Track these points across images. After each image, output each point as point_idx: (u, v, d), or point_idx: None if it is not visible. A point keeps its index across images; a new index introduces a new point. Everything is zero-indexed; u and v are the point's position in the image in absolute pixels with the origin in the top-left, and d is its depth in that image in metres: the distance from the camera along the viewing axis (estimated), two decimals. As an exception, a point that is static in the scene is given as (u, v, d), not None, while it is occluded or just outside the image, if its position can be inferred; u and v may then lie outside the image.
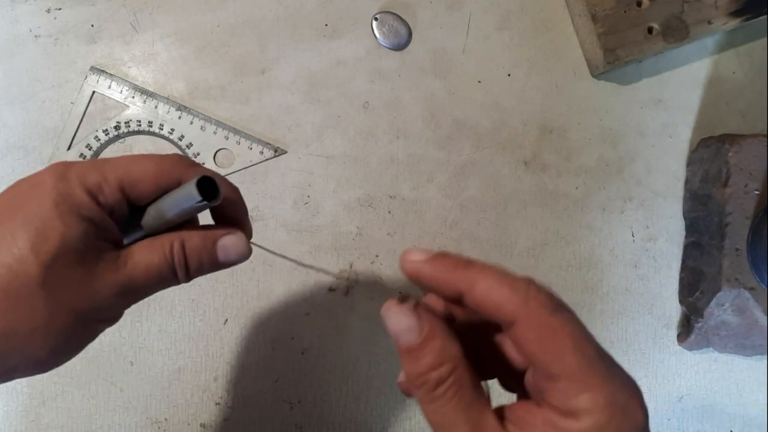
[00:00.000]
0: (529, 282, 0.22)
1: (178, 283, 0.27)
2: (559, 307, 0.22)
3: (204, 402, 0.46)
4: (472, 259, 0.23)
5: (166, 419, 0.45)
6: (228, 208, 0.28)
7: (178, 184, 0.26)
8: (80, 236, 0.24)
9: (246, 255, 0.28)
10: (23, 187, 0.25)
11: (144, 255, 0.25)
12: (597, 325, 0.49)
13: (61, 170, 0.24)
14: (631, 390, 0.21)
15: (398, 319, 0.22)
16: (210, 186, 0.25)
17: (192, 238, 0.26)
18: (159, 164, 0.26)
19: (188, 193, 0.25)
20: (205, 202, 0.25)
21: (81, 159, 0.46)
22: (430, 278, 0.23)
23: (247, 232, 0.29)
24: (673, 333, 0.49)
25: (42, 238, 0.23)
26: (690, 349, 0.48)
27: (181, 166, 0.26)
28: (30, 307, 0.23)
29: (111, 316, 0.26)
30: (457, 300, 0.23)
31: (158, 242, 0.26)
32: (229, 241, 0.27)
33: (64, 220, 0.23)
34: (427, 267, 0.23)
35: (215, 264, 0.27)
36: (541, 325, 0.21)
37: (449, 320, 0.25)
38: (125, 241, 0.27)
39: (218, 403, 0.46)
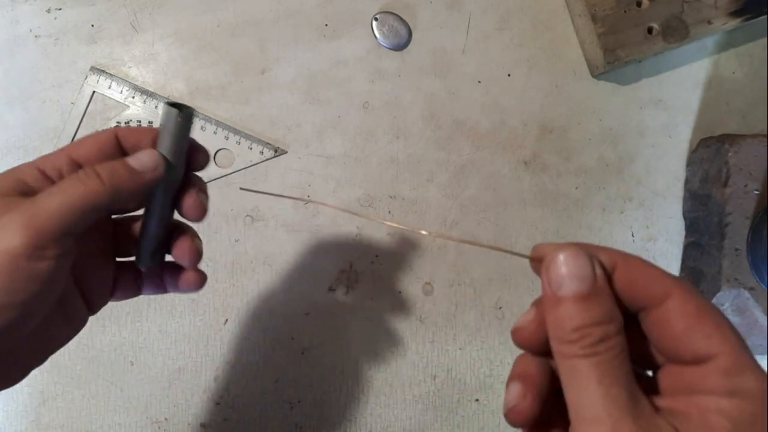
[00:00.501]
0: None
1: (105, 202, 0.26)
2: (698, 291, 0.21)
3: (204, 402, 0.46)
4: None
5: (166, 419, 0.45)
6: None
7: (115, 141, 0.27)
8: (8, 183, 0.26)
9: (159, 162, 0.27)
10: None
11: (54, 186, 0.25)
12: (597, 325, 0.49)
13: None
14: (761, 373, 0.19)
15: (576, 263, 0.21)
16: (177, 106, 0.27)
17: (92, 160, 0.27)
18: (96, 135, 0.27)
19: (167, 115, 0.27)
20: (184, 112, 0.27)
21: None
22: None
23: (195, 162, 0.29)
24: (673, 333, 0.49)
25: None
26: (690, 349, 0.48)
27: (113, 130, 0.28)
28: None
29: (24, 249, 0.24)
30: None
31: (71, 174, 0.26)
32: (141, 153, 0.27)
33: None
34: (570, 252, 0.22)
35: (134, 174, 0.26)
36: (698, 303, 0.20)
37: None
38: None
39: (218, 403, 0.46)
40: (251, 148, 0.47)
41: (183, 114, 0.27)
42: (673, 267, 0.49)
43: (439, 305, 0.47)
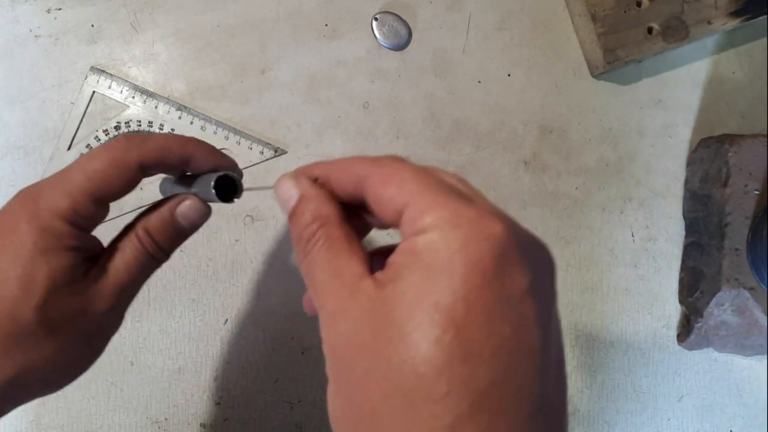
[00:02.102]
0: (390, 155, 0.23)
1: (160, 263, 0.28)
2: (404, 160, 0.22)
3: (204, 402, 0.46)
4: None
5: (166, 419, 0.45)
6: (197, 163, 0.28)
7: (138, 167, 0.26)
8: (65, 268, 0.24)
9: (206, 211, 0.28)
10: None
11: (121, 257, 0.26)
12: (597, 325, 0.49)
13: (30, 208, 0.24)
14: (492, 212, 0.19)
15: (281, 187, 0.24)
16: (227, 181, 0.27)
17: (151, 220, 0.27)
18: (115, 162, 0.25)
19: (207, 196, 0.27)
20: (227, 203, 0.27)
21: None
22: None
23: (227, 167, 0.29)
24: (673, 333, 0.49)
25: (30, 282, 0.23)
26: (690, 348, 0.48)
27: (132, 149, 0.25)
28: (37, 345, 0.24)
29: (115, 324, 0.27)
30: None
31: (126, 239, 0.27)
32: (185, 209, 0.27)
33: (47, 258, 0.24)
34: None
35: (183, 231, 0.28)
36: (383, 171, 0.22)
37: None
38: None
39: (218, 403, 0.46)
40: (251, 148, 0.47)
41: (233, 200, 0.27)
42: (673, 267, 0.49)
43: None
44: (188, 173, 0.29)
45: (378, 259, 0.21)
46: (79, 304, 0.25)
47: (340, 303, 0.20)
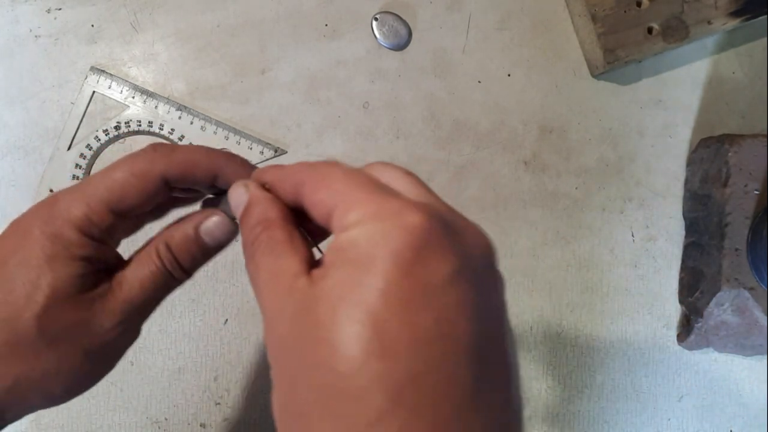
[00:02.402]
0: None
1: (180, 282, 0.27)
2: (338, 163, 0.22)
3: (204, 402, 0.46)
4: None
5: (166, 419, 0.45)
6: (226, 178, 0.26)
7: (161, 180, 0.25)
8: (71, 278, 0.23)
9: (233, 230, 0.26)
10: (11, 237, 0.24)
11: (135, 272, 0.25)
12: (597, 325, 0.49)
13: (45, 213, 0.24)
14: (417, 203, 0.19)
15: (234, 193, 0.24)
16: None
17: (174, 236, 0.26)
18: (137, 173, 0.24)
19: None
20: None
21: (81, 159, 0.46)
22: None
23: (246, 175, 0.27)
24: (673, 333, 0.49)
25: (34, 289, 0.23)
26: (690, 348, 0.48)
27: (157, 161, 0.25)
28: (36, 356, 0.23)
29: (126, 345, 0.26)
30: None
31: (144, 253, 0.25)
32: (211, 224, 0.26)
33: (53, 266, 0.23)
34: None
35: (207, 250, 0.26)
36: (316, 175, 0.22)
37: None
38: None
39: (218, 403, 0.46)
40: (251, 148, 0.47)
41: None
42: (673, 267, 0.49)
43: (439, 305, 0.47)
44: (214, 193, 0.27)
45: None
46: (83, 317, 0.24)
47: (277, 303, 0.20)
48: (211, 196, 0.28)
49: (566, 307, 0.49)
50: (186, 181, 0.25)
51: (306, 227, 0.23)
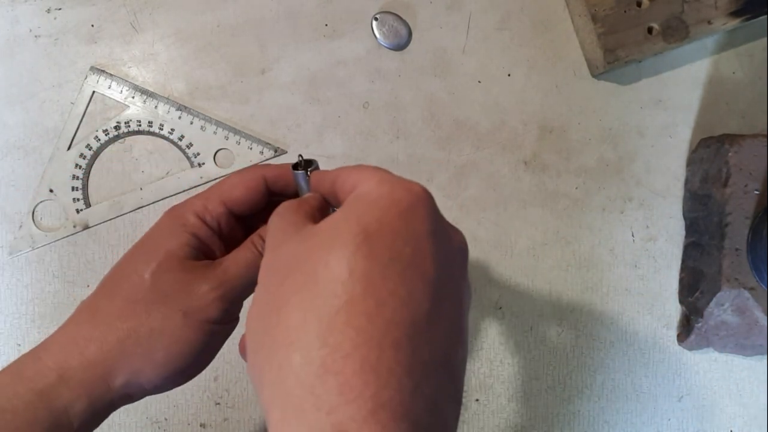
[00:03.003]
0: None
1: None
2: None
3: (204, 402, 0.46)
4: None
5: (166, 419, 0.45)
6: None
7: (263, 180, 0.30)
8: (182, 246, 0.28)
9: None
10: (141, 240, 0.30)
11: (234, 255, 0.30)
12: (597, 325, 0.49)
13: (176, 209, 0.30)
14: (413, 182, 0.23)
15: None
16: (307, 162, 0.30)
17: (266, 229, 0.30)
18: (242, 175, 0.31)
19: (295, 175, 0.30)
20: (304, 171, 0.29)
21: (81, 159, 0.46)
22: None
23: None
24: (673, 333, 0.49)
25: (153, 252, 0.29)
26: (690, 349, 0.48)
27: (259, 168, 0.31)
28: (146, 312, 0.28)
29: (220, 318, 0.29)
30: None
31: (242, 244, 0.30)
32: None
33: (170, 237, 0.29)
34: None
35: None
36: (347, 169, 0.25)
37: None
38: None
39: (218, 403, 0.46)
40: (251, 148, 0.47)
41: (312, 168, 0.29)
42: (673, 267, 0.49)
43: (439, 305, 0.47)
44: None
45: None
46: (186, 278, 0.28)
47: (285, 237, 0.24)
48: None
49: (566, 307, 0.49)
50: (280, 183, 0.31)
51: None
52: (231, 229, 0.31)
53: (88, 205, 0.46)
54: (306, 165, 0.29)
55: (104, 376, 0.27)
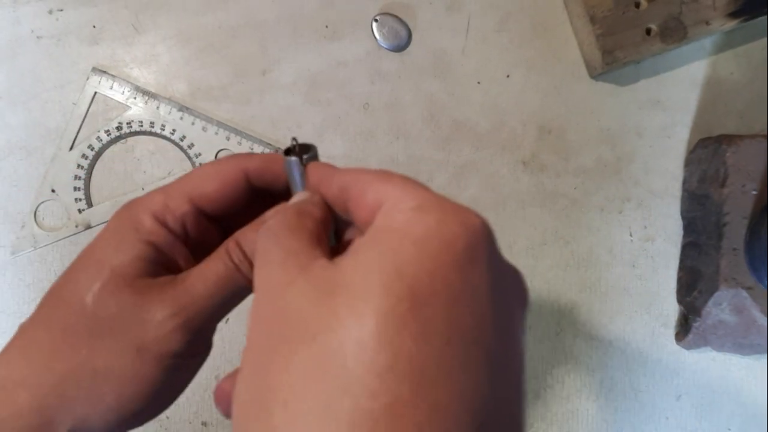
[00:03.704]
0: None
1: (246, 283, 0.24)
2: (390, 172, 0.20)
3: (205, 400, 0.46)
4: None
5: (167, 417, 0.45)
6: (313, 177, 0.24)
7: (242, 174, 0.24)
8: (132, 260, 0.22)
9: None
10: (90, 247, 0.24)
11: (201, 268, 0.23)
12: (595, 325, 0.49)
13: (129, 203, 0.24)
14: (471, 210, 0.18)
15: (297, 197, 0.23)
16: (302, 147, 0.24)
17: (245, 234, 0.24)
18: (217, 166, 0.24)
19: (290, 165, 0.23)
20: (299, 158, 0.23)
21: (83, 159, 0.46)
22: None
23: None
24: (671, 332, 0.49)
25: (96, 268, 0.22)
26: (688, 348, 0.48)
27: (239, 157, 0.24)
28: (87, 347, 0.22)
29: (183, 350, 0.23)
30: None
31: (214, 253, 0.24)
32: None
33: (119, 247, 0.22)
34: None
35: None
36: (363, 176, 0.20)
37: None
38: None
39: (219, 402, 0.46)
40: (252, 149, 0.47)
41: (308, 156, 0.23)
42: (671, 267, 0.50)
43: (439, 305, 0.48)
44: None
45: None
46: (136, 302, 0.22)
47: (286, 277, 0.17)
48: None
49: (565, 306, 0.49)
50: (267, 176, 0.24)
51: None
52: (200, 233, 0.24)
53: (90, 205, 0.47)
54: (301, 151, 0.23)
55: (42, 426, 0.21)
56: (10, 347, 0.23)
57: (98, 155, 0.47)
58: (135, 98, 0.47)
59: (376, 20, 0.48)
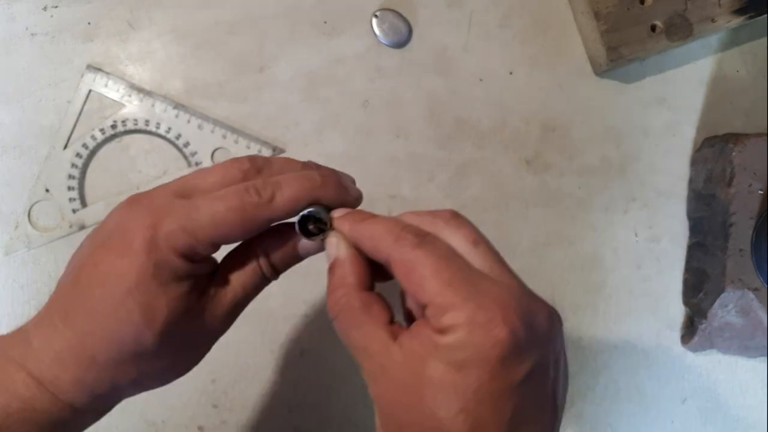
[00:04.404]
0: (400, 222, 0.26)
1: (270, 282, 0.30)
2: (423, 242, 0.24)
3: (202, 404, 0.45)
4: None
5: (163, 422, 0.45)
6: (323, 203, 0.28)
7: (267, 222, 0.27)
8: (182, 296, 0.26)
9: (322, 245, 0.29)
10: (109, 256, 0.26)
11: (238, 278, 0.28)
12: (600, 327, 0.48)
13: (149, 236, 0.25)
14: (497, 308, 0.23)
15: (329, 243, 0.28)
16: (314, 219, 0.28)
17: (274, 250, 0.28)
18: (245, 217, 0.26)
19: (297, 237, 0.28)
20: (313, 239, 0.28)
21: (77, 158, 0.46)
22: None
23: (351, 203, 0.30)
24: (677, 334, 0.49)
25: (152, 311, 0.25)
26: (694, 350, 0.48)
27: (263, 207, 0.26)
28: (156, 359, 0.26)
29: (223, 332, 0.29)
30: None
31: (245, 262, 0.28)
32: (308, 244, 0.29)
33: (166, 290, 0.25)
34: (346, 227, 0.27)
35: (301, 259, 0.30)
36: (404, 261, 0.24)
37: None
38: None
39: (216, 406, 0.45)
40: (249, 147, 0.47)
41: (316, 237, 0.28)
42: (677, 268, 0.49)
43: (440, 306, 0.47)
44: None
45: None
46: (196, 325, 0.27)
47: (375, 367, 0.25)
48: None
49: (569, 308, 0.48)
50: (288, 217, 0.28)
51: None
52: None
53: (84, 205, 0.46)
54: (316, 222, 0.27)
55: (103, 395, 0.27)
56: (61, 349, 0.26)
57: (93, 154, 0.46)
58: (130, 96, 0.46)
59: (375, 16, 0.48)
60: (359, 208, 0.29)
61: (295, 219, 0.27)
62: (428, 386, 0.23)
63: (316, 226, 0.27)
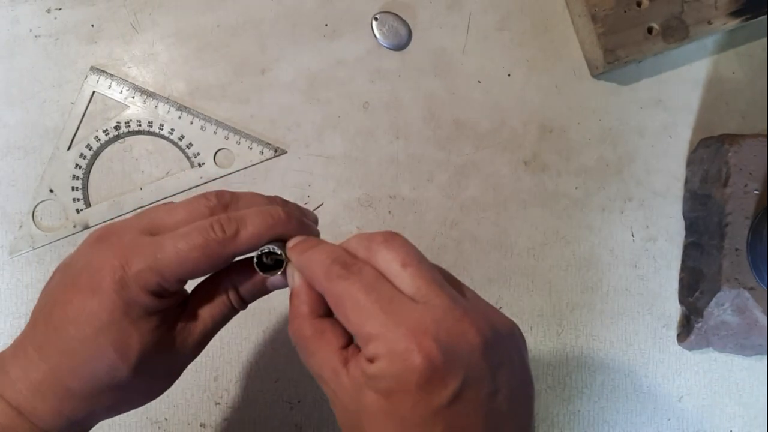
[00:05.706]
0: (334, 252, 0.26)
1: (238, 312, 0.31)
2: (348, 273, 0.25)
3: (204, 402, 0.46)
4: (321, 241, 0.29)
5: (166, 419, 0.45)
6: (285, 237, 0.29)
7: (231, 258, 0.28)
8: (154, 330, 0.27)
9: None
10: (79, 295, 0.26)
11: (208, 311, 0.29)
12: (597, 325, 0.49)
13: (118, 277, 0.26)
14: (412, 335, 0.23)
15: (288, 273, 0.28)
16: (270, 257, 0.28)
17: (243, 284, 0.30)
18: (209, 255, 0.27)
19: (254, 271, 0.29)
20: (269, 274, 0.28)
21: (81, 159, 0.46)
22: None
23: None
24: (673, 333, 0.49)
25: (125, 347, 0.26)
26: (690, 348, 0.48)
27: (228, 244, 0.27)
28: (131, 387, 0.27)
29: (194, 357, 0.30)
30: None
31: (215, 294, 0.29)
32: (276, 280, 0.29)
33: (137, 325, 0.26)
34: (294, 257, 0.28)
35: (268, 292, 0.31)
36: (332, 294, 0.25)
37: None
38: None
39: (218, 403, 0.46)
40: (251, 148, 0.47)
41: (272, 273, 0.28)
42: (673, 267, 0.49)
43: (439, 305, 0.47)
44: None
45: None
46: (168, 355, 0.28)
47: (329, 392, 0.26)
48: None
49: (566, 307, 0.49)
50: (253, 251, 0.28)
51: None
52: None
53: (88, 205, 0.46)
54: (272, 258, 0.28)
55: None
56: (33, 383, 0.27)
57: (96, 155, 0.46)
58: (133, 97, 0.47)
59: (376, 19, 0.48)
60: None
61: (254, 254, 0.28)
62: (365, 413, 0.24)
63: (274, 260, 0.28)
